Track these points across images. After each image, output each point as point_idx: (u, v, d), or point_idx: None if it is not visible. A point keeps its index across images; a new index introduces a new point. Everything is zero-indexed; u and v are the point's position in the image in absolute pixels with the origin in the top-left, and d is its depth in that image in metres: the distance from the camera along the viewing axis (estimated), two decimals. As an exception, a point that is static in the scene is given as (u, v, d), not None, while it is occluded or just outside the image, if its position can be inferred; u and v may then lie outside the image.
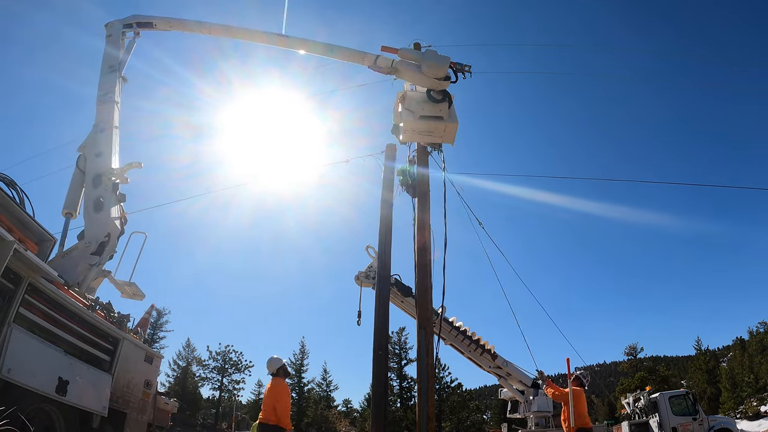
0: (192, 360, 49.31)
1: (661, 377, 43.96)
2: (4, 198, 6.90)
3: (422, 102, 7.64)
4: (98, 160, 10.18)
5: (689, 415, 17.62)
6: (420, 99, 7.69)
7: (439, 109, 7.59)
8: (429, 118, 7.63)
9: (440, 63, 7.42)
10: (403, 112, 7.77)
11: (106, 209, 9.55)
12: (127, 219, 10.19)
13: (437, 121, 7.66)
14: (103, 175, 9.92)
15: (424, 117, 7.62)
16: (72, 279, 8.01)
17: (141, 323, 9.54)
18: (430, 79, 7.49)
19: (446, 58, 7.49)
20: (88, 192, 9.80)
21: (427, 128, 7.76)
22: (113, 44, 11.65)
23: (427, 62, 7.47)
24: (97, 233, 9.16)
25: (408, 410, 42.56)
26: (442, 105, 7.58)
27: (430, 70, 7.43)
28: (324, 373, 53.02)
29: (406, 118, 7.67)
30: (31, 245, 7.29)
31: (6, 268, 5.24)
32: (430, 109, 7.59)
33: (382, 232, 8.26)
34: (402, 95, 8.00)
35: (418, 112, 7.62)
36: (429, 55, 7.60)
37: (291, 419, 7.61)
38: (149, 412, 8.72)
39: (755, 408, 41.81)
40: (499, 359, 17.47)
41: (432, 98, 7.56)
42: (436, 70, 7.41)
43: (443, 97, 7.58)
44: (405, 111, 7.75)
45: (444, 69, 7.42)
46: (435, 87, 7.53)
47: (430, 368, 8.51)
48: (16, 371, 5.39)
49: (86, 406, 6.68)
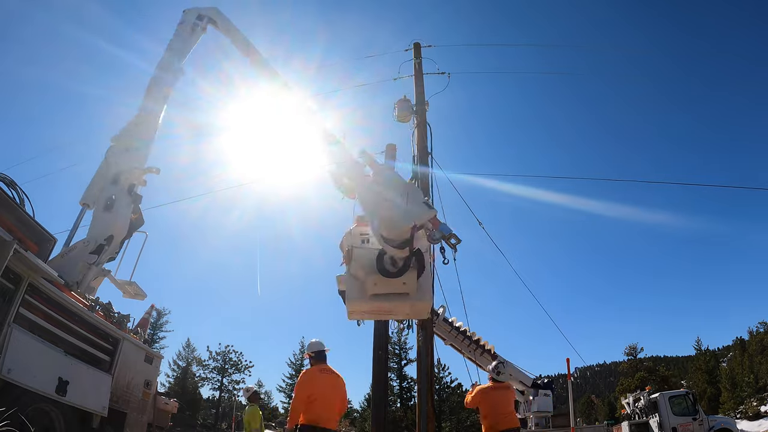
0: (192, 360, 49.28)
1: (661, 377, 43.97)
2: (4, 198, 6.90)
3: (375, 271, 4.74)
4: (125, 156, 9.83)
5: (689, 415, 17.63)
6: (371, 266, 4.77)
7: (402, 282, 4.76)
8: (386, 296, 4.90)
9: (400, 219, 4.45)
10: (347, 280, 5.01)
11: (115, 209, 9.34)
12: (144, 221, 10.01)
13: (399, 300, 4.94)
14: (122, 173, 9.64)
15: (378, 296, 4.89)
16: (71, 278, 8.00)
17: (141, 323, 9.52)
18: (380, 235, 4.57)
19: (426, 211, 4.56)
20: (105, 188, 9.54)
21: (383, 309, 5.17)
22: (182, 33, 10.88)
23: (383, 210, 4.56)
24: (99, 233, 9.06)
25: (408, 410, 42.54)
26: (407, 275, 4.73)
27: (383, 224, 4.53)
28: (324, 373, 52.94)
29: (352, 292, 4.93)
30: (31, 245, 7.28)
31: (6, 268, 5.24)
32: (388, 284, 4.77)
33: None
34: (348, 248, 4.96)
35: (368, 287, 4.84)
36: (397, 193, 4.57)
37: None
38: (149, 413, 8.72)
39: (755, 408, 41.83)
40: (499, 359, 17.46)
41: (384, 272, 4.70)
42: (390, 227, 4.51)
43: (402, 267, 4.68)
44: (349, 278, 4.98)
45: (404, 233, 4.47)
46: (387, 250, 4.62)
47: (430, 368, 8.51)
48: (16, 371, 5.39)
49: (86, 406, 6.67)
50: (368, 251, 4.88)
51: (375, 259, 4.74)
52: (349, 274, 4.98)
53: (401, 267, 4.70)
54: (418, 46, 13.75)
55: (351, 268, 4.94)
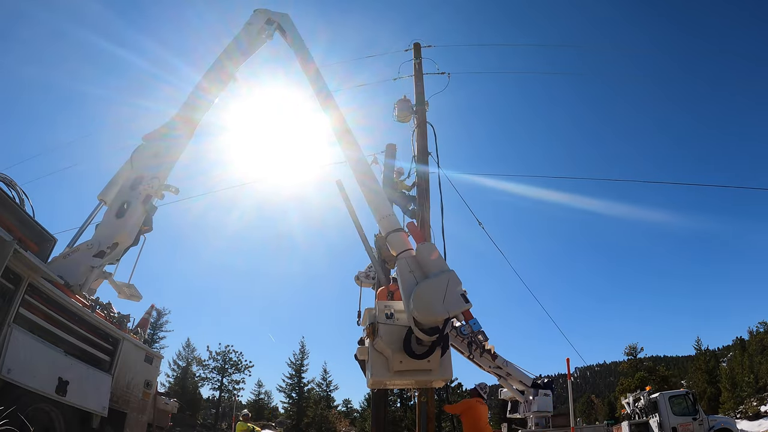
0: (192, 360, 49.32)
1: (661, 377, 43.96)
2: (4, 198, 6.89)
3: (400, 351, 4.89)
4: (151, 161, 9.47)
5: (689, 415, 17.63)
6: (396, 345, 4.91)
7: (426, 360, 4.93)
8: (410, 372, 5.06)
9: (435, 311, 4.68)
10: (371, 352, 5.17)
11: (126, 217, 9.02)
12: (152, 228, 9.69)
13: (422, 375, 5.11)
14: (143, 182, 9.25)
15: (401, 372, 5.05)
16: (73, 280, 7.98)
17: (141, 323, 9.52)
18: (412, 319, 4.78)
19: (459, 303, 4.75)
20: (123, 191, 9.23)
21: (406, 382, 5.48)
22: (247, 36, 10.28)
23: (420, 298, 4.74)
24: (105, 238, 8.81)
25: (408, 410, 42.55)
26: (434, 355, 4.93)
27: (418, 311, 4.71)
28: (324, 373, 53.07)
29: (377, 370, 5.06)
30: (31, 245, 7.28)
31: (6, 268, 5.24)
32: (412, 363, 4.93)
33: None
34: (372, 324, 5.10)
35: (394, 364, 4.93)
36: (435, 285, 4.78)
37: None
38: (149, 413, 8.72)
39: (755, 408, 41.82)
40: (499, 359, 17.44)
41: (411, 354, 4.87)
42: (425, 315, 4.71)
43: (429, 350, 4.88)
44: (373, 351, 5.13)
45: (437, 321, 4.75)
46: (416, 333, 4.78)
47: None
48: (16, 371, 5.39)
49: (86, 407, 6.67)
50: (395, 329, 4.97)
51: (402, 337, 4.87)
52: (373, 349, 5.10)
53: (427, 350, 4.85)
54: (418, 47, 13.74)
55: (376, 344, 5.04)
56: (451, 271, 4.93)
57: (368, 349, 5.23)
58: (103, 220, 9.09)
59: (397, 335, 4.91)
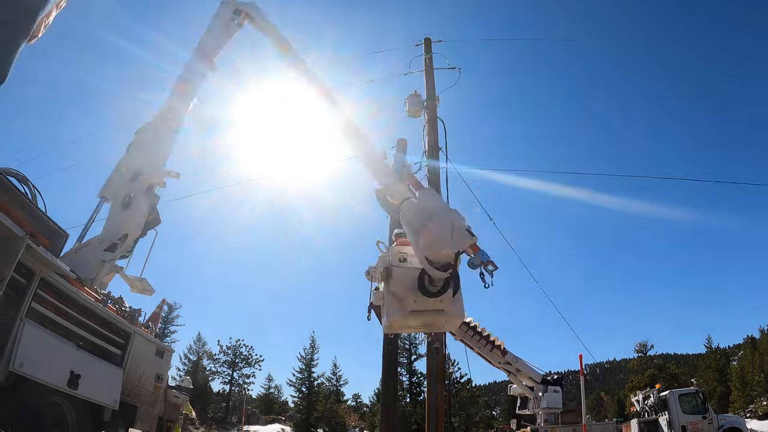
0: (203, 354, 49.69)
1: (671, 375, 43.81)
2: (17, 193, 6.94)
3: (413, 290, 5.11)
4: (146, 152, 9.74)
5: (699, 413, 17.52)
6: (410, 285, 5.14)
7: (439, 300, 5.14)
8: (424, 312, 5.26)
9: (447, 246, 4.77)
10: (386, 296, 5.39)
11: (132, 208, 9.24)
12: (161, 220, 9.93)
13: (436, 315, 5.31)
14: (143, 172, 9.53)
15: (416, 312, 5.23)
16: (85, 275, 8.03)
17: (152, 318, 9.57)
18: (424, 258, 4.89)
19: (466, 238, 4.93)
20: (125, 184, 9.43)
21: (420, 323, 5.61)
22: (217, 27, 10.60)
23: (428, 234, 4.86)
24: (114, 231, 8.99)
25: (417, 405, 42.66)
26: (446, 294, 5.11)
27: (428, 248, 4.84)
28: (334, 367, 53.30)
29: (392, 308, 5.27)
30: (43, 240, 7.31)
31: (18, 263, 5.27)
32: (426, 303, 5.14)
33: (392, 227, 8.24)
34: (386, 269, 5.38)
35: (407, 304, 5.18)
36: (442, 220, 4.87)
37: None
38: (160, 406, 8.78)
39: (765, 407, 41.48)
40: (509, 355, 17.44)
41: (423, 289, 5.05)
42: (435, 252, 4.81)
43: (443, 287, 5.05)
44: (389, 295, 5.33)
45: (448, 256, 4.83)
46: (430, 272, 4.92)
47: (440, 364, 8.51)
48: (28, 365, 5.42)
49: (97, 400, 6.71)
50: (408, 270, 5.25)
51: (415, 278, 5.07)
52: (388, 292, 5.30)
53: (441, 288, 5.02)
54: (429, 42, 13.68)
55: (390, 286, 5.26)
56: (454, 210, 5.12)
57: (383, 294, 5.41)
58: (110, 215, 9.24)
59: (411, 277, 5.14)
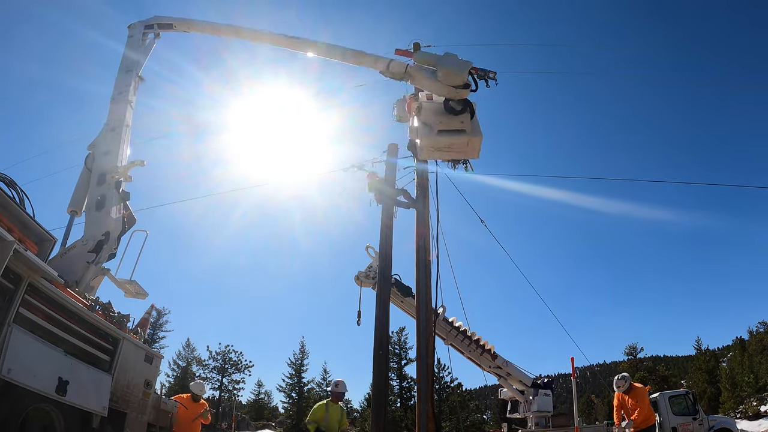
0: (192, 360, 49.34)
1: (661, 377, 44.02)
2: (4, 198, 6.89)
3: (440, 114, 6.69)
4: (105, 158, 10.26)
5: (689, 415, 17.60)
6: (438, 110, 6.75)
7: (460, 121, 6.63)
8: (449, 132, 6.71)
9: (459, 69, 6.34)
10: (420, 127, 6.93)
11: (107, 207, 9.58)
12: (136, 219, 10.22)
13: (459, 136, 6.74)
14: (107, 173, 9.98)
15: (443, 132, 6.71)
16: (70, 278, 8.01)
17: (141, 323, 9.53)
18: (448, 87, 6.47)
19: (467, 63, 6.42)
20: (92, 190, 9.86)
21: (447, 144, 6.86)
22: (133, 46, 11.77)
23: (444, 68, 6.40)
24: (95, 231, 9.20)
25: (408, 410, 42.56)
26: (464, 116, 6.62)
27: (448, 77, 6.40)
28: (324, 372, 52.91)
29: (424, 134, 6.81)
30: (31, 245, 7.28)
31: (6, 268, 5.23)
32: (450, 122, 6.65)
33: (383, 231, 8.24)
34: (417, 106, 7.05)
35: (436, 126, 6.68)
36: (447, 60, 6.50)
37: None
38: (150, 413, 8.72)
39: (755, 408, 41.82)
40: (499, 359, 17.48)
41: (450, 109, 6.60)
42: (454, 77, 6.37)
43: (464, 107, 6.58)
44: (421, 125, 6.88)
45: (463, 76, 6.38)
46: (453, 96, 6.51)
47: (430, 368, 8.50)
48: (16, 371, 5.38)
49: (86, 406, 6.67)
50: (435, 104, 6.92)
51: (440, 105, 6.68)
52: (420, 122, 6.91)
53: (461, 108, 6.55)
54: (418, 46, 13.63)
55: (422, 117, 6.88)
56: (450, 53, 6.60)
57: (417, 128, 7.04)
58: (87, 218, 9.59)
59: (437, 105, 6.80)
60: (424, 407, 9.82)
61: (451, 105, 6.58)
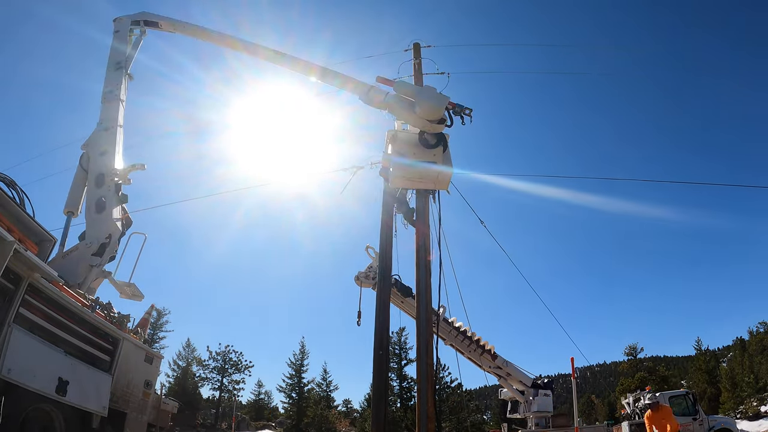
0: (192, 360, 49.28)
1: (661, 377, 43.98)
2: (4, 198, 6.90)
3: (414, 146, 7.01)
4: (102, 158, 10.19)
5: (689, 415, 17.63)
6: (412, 142, 7.05)
7: (432, 154, 6.97)
8: (421, 164, 7.03)
9: (436, 104, 6.69)
10: (393, 156, 7.17)
11: (108, 210, 9.55)
12: (132, 221, 10.20)
13: (430, 167, 7.04)
14: (106, 175, 9.93)
15: (415, 163, 7.04)
16: (72, 279, 8.01)
17: (141, 323, 9.54)
18: (424, 120, 6.81)
19: (444, 98, 6.74)
20: (91, 191, 9.80)
21: (418, 175, 7.17)
22: (120, 40, 11.66)
23: (422, 102, 6.72)
24: (98, 234, 9.16)
25: (408, 410, 42.53)
26: (436, 150, 6.96)
27: (425, 111, 6.73)
28: (324, 373, 52.93)
29: (396, 163, 7.11)
30: (31, 245, 7.29)
31: (6, 268, 5.24)
32: (423, 154, 6.98)
33: (383, 231, 8.24)
34: (392, 135, 7.31)
35: (409, 156, 7.01)
36: (425, 92, 6.87)
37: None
38: (150, 413, 8.72)
39: (755, 408, 41.79)
40: (499, 359, 17.49)
41: (424, 142, 6.94)
42: (431, 111, 6.72)
43: (437, 142, 6.94)
44: (395, 155, 7.13)
45: (440, 111, 6.73)
46: (428, 129, 6.87)
47: (430, 368, 8.50)
48: (16, 371, 5.39)
49: (86, 406, 6.67)
50: (409, 134, 7.17)
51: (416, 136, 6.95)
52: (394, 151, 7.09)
53: (435, 141, 6.88)
54: (418, 47, 13.70)
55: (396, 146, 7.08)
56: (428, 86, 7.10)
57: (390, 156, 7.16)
58: (88, 221, 9.52)
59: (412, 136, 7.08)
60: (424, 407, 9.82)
61: (426, 138, 6.91)
